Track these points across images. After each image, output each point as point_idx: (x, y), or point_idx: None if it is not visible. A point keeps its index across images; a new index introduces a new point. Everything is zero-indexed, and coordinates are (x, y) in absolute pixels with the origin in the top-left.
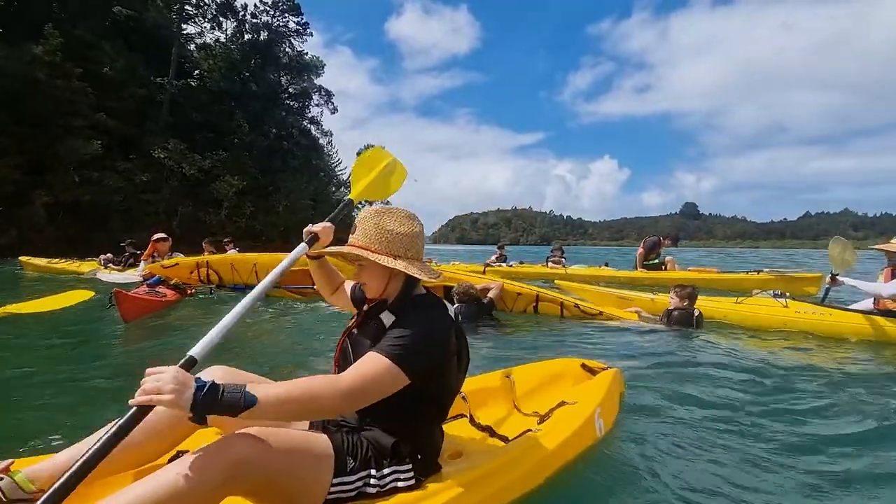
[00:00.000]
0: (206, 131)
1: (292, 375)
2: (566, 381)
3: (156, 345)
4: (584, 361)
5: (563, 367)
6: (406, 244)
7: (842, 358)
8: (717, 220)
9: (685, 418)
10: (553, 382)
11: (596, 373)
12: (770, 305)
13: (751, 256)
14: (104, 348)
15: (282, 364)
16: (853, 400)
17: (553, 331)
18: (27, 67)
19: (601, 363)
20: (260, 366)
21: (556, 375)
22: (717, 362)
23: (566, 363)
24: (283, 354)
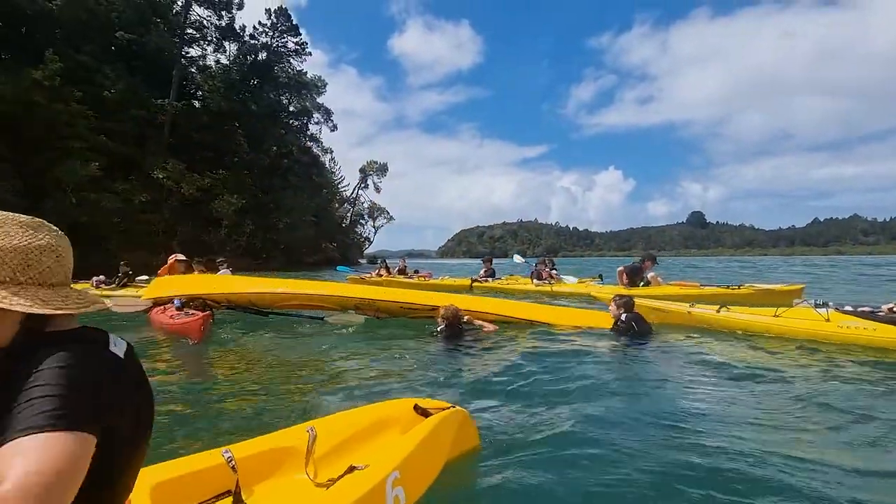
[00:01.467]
0: (206, 151)
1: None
2: (392, 429)
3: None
4: (419, 402)
5: (391, 410)
6: (15, 264)
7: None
8: (724, 229)
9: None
10: (373, 434)
11: (429, 415)
12: (812, 319)
13: (778, 265)
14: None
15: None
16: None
17: (525, 350)
18: (26, 92)
19: (441, 402)
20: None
21: (380, 423)
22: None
23: (396, 405)
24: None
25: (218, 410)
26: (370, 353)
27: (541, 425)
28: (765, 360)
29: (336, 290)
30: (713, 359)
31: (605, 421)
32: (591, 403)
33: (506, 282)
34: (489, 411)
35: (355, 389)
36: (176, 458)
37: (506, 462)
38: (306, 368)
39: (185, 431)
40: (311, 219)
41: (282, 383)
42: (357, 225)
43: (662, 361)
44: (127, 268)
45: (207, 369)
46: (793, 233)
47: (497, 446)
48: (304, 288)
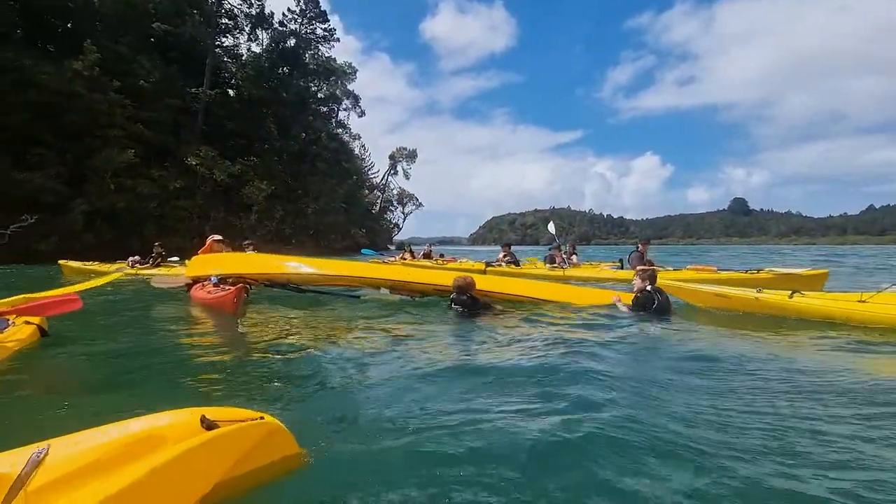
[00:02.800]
0: (238, 138)
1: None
2: (161, 449)
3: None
4: (206, 413)
5: (167, 423)
6: None
7: None
8: (769, 216)
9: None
10: (130, 457)
11: (213, 429)
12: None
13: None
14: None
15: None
16: None
17: (530, 321)
18: (68, 83)
19: (245, 412)
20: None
21: (146, 441)
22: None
23: (177, 417)
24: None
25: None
26: (386, 329)
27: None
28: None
29: (366, 271)
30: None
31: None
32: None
33: (520, 266)
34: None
35: (350, 366)
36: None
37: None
38: (321, 342)
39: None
40: (340, 205)
41: (290, 360)
42: (386, 211)
43: (686, 338)
44: (160, 249)
45: (237, 339)
46: (844, 220)
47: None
48: (335, 269)
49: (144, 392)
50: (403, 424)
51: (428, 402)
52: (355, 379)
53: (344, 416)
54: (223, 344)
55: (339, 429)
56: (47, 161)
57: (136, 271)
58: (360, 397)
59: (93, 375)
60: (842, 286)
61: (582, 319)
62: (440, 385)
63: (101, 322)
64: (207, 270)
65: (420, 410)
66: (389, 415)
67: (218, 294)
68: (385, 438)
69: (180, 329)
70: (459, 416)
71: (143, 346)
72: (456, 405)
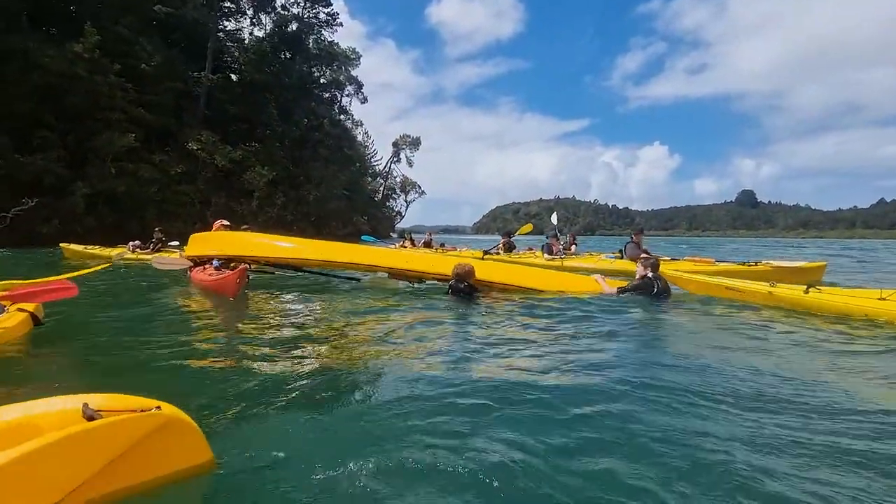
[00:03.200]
0: (240, 123)
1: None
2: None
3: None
4: (92, 400)
5: (43, 412)
6: None
7: None
8: (777, 209)
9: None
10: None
11: (95, 419)
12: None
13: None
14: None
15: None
16: None
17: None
18: (69, 65)
19: (141, 400)
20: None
21: (14, 431)
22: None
23: (56, 405)
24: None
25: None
26: (377, 315)
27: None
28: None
29: (367, 257)
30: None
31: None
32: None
33: (518, 255)
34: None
35: (345, 351)
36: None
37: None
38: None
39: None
40: (343, 192)
41: (290, 345)
42: (389, 199)
43: (681, 325)
44: (160, 234)
45: (233, 325)
46: (854, 214)
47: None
48: (338, 255)
49: (132, 380)
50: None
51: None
52: (343, 373)
53: (319, 416)
54: (219, 330)
55: (310, 428)
56: (49, 143)
57: (137, 256)
58: (347, 393)
59: (82, 364)
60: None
61: (575, 307)
62: (436, 383)
63: (98, 306)
64: (206, 250)
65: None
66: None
67: (218, 276)
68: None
69: (178, 313)
70: (446, 416)
71: (139, 332)
72: (443, 404)
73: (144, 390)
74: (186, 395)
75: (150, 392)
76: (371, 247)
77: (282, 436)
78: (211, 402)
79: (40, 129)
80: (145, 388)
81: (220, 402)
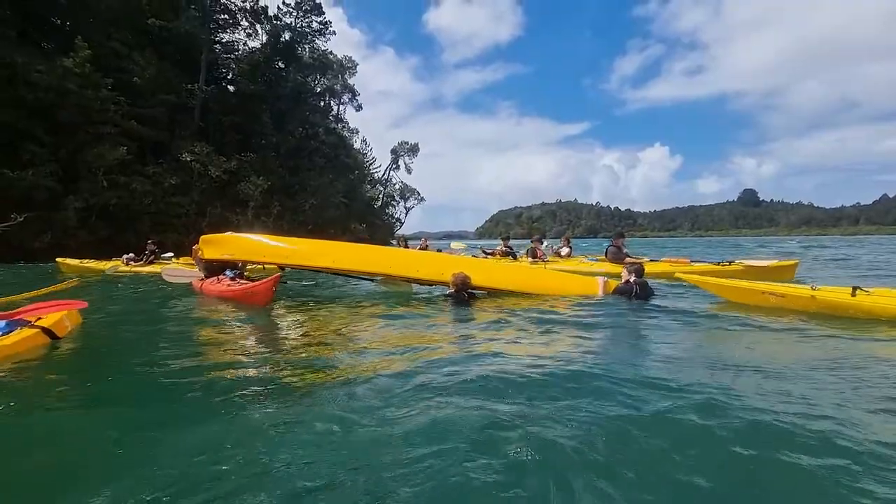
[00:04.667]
0: (235, 133)
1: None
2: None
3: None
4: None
5: None
6: None
7: None
8: (779, 207)
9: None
10: None
11: None
12: None
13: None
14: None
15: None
16: None
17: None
18: (60, 80)
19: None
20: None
21: None
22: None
23: None
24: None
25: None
26: (383, 319)
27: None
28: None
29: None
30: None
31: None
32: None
33: (503, 260)
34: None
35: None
36: None
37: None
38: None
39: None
40: (341, 199)
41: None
42: (388, 206)
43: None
44: (154, 246)
45: (269, 334)
46: (857, 211)
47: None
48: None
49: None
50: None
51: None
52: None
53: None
54: (253, 342)
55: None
56: (40, 158)
57: (131, 268)
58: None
59: (109, 384)
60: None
61: (567, 308)
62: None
63: (122, 324)
64: (221, 253)
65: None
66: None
67: (248, 285)
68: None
69: (210, 328)
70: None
71: (170, 348)
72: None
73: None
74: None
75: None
76: (395, 249)
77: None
78: (246, 415)
79: (31, 143)
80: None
81: (254, 413)
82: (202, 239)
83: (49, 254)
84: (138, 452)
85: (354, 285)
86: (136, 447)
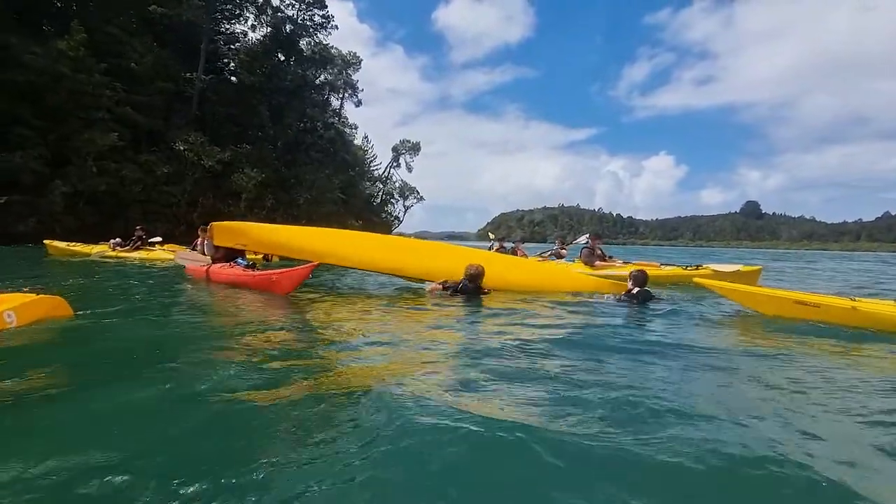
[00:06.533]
0: (232, 125)
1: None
2: None
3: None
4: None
5: None
6: None
7: None
8: (781, 221)
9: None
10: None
11: None
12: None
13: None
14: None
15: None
16: None
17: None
18: (54, 62)
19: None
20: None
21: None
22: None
23: None
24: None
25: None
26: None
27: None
28: None
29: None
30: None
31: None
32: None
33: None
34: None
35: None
36: None
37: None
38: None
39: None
40: (338, 195)
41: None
42: (387, 204)
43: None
44: (141, 232)
45: (298, 323)
46: (859, 227)
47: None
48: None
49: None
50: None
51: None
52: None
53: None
54: (277, 332)
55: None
56: (28, 141)
57: (118, 253)
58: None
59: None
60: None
61: (573, 307)
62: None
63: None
64: (234, 242)
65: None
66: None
67: (278, 272)
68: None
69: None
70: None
71: (211, 331)
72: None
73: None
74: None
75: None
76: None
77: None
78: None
79: (20, 126)
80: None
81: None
82: (215, 225)
83: (32, 238)
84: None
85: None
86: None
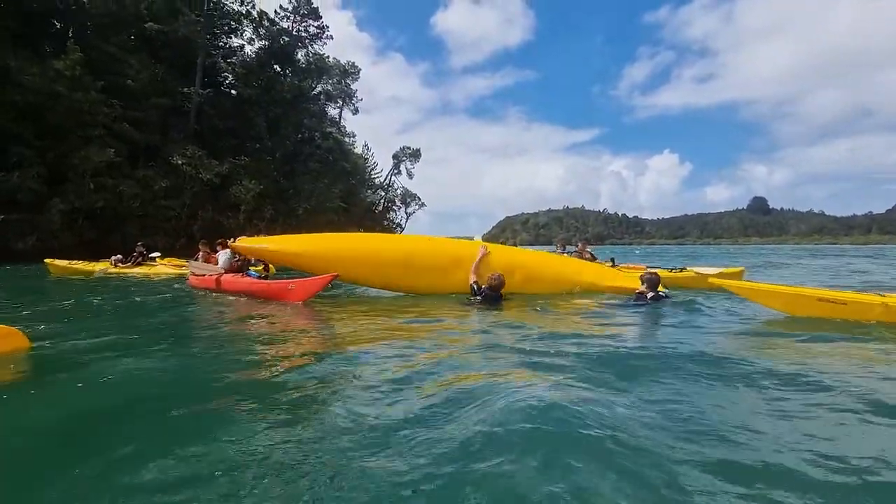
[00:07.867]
0: (230, 138)
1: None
2: None
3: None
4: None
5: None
6: None
7: None
8: (790, 216)
9: None
10: None
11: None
12: None
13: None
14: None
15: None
16: None
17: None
18: (50, 83)
19: None
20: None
21: None
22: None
23: None
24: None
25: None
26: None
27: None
28: None
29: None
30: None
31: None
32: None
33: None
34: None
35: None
36: None
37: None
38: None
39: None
40: (339, 204)
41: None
42: (389, 211)
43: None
44: (142, 248)
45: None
46: (869, 220)
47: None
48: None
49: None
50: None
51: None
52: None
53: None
54: (291, 339)
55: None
56: (27, 160)
57: (119, 270)
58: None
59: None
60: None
61: (589, 308)
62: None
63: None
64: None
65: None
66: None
67: (294, 281)
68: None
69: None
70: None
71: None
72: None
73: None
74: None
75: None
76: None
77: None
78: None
79: (19, 145)
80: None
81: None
82: (240, 240)
83: (32, 256)
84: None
85: None
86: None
